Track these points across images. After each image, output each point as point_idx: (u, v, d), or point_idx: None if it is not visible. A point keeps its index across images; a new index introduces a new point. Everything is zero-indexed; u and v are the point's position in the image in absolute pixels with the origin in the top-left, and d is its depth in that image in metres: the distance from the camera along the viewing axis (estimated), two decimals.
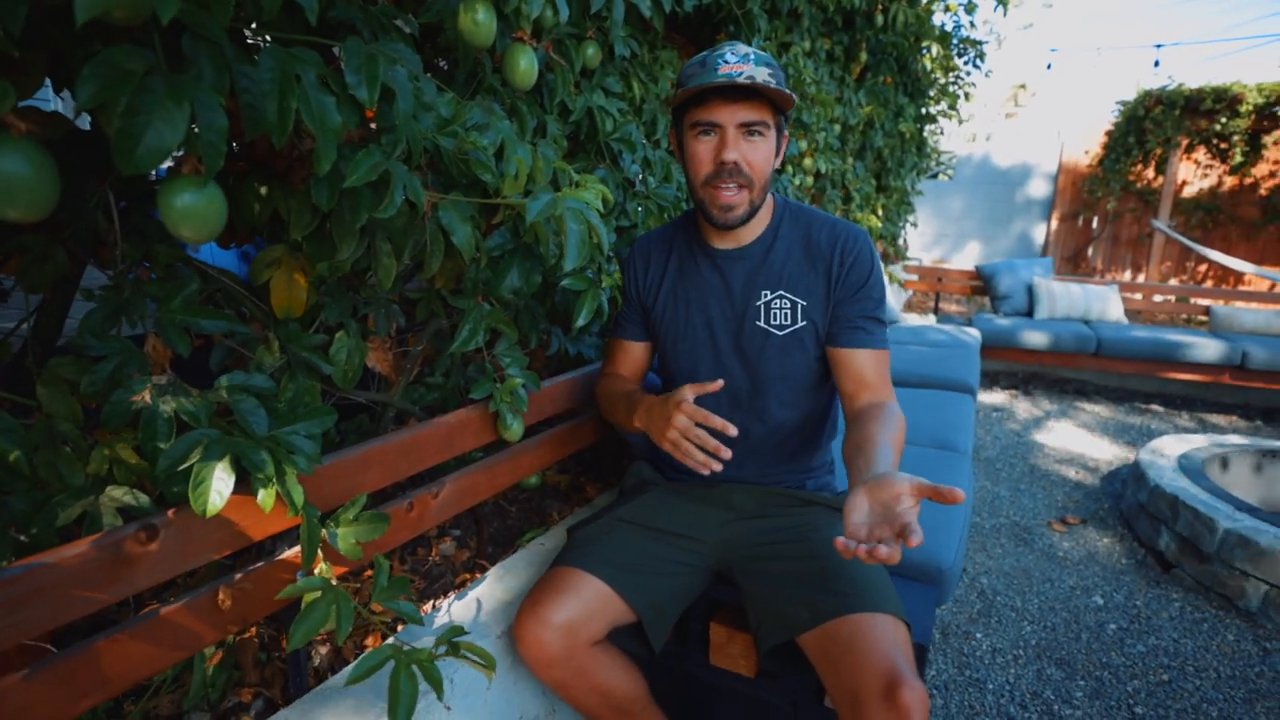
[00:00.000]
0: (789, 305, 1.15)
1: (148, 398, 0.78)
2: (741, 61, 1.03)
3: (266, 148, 0.93)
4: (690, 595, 1.17)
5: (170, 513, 0.77)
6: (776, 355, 1.16)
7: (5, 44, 0.47)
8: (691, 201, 1.90)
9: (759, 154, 1.07)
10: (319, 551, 0.85)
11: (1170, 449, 2.78)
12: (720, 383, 1.00)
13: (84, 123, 0.94)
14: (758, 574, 1.12)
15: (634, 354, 1.33)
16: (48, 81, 0.71)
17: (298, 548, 0.91)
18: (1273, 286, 7.23)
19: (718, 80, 1.01)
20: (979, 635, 1.94)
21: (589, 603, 1.05)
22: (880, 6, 3.35)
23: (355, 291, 1.12)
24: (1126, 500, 2.72)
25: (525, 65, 1.00)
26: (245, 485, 0.79)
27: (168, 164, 0.64)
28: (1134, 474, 2.69)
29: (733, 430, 0.95)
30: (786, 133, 1.15)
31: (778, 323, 1.15)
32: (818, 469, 1.27)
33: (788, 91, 1.03)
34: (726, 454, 0.96)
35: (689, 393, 0.99)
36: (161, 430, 0.78)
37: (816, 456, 1.27)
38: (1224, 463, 2.78)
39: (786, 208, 1.21)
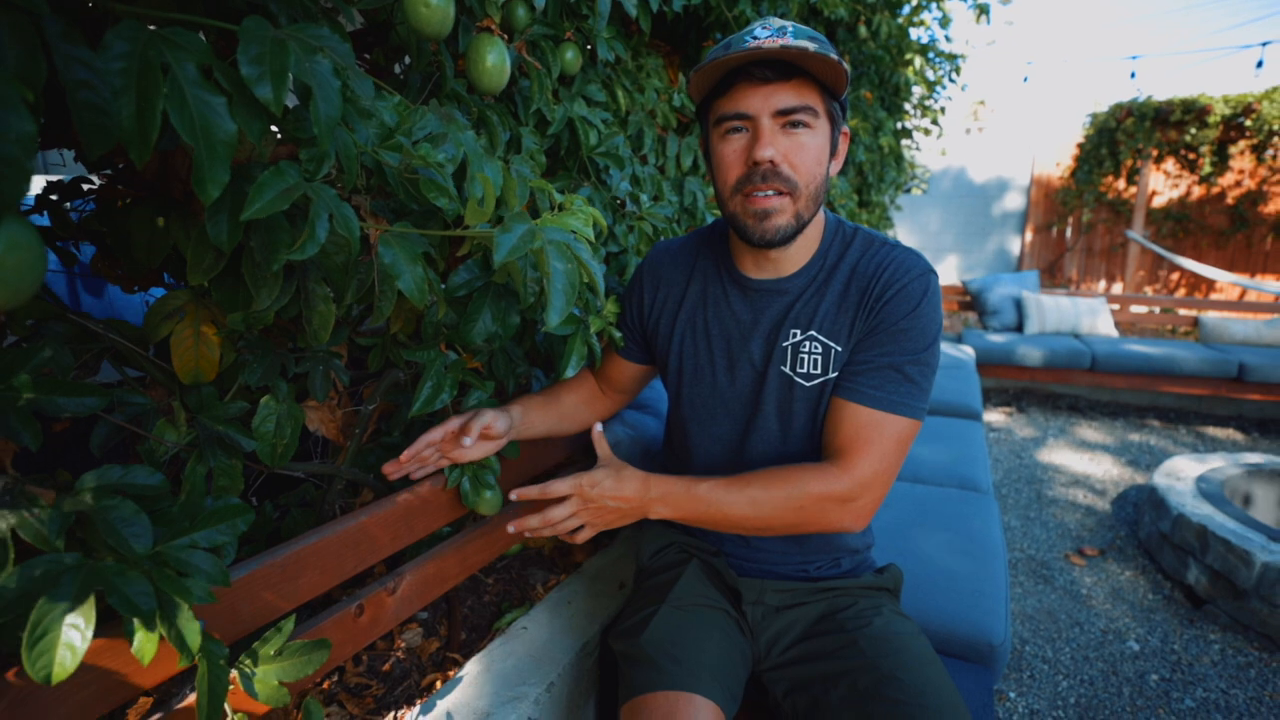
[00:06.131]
0: (820, 350, 0.91)
1: None
2: (777, 35, 0.80)
3: (158, 167, 0.73)
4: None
5: (8, 675, 0.55)
6: (804, 410, 0.94)
7: None
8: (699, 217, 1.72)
9: (805, 152, 0.83)
10: (226, 706, 0.63)
11: (1186, 471, 2.65)
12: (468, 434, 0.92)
13: None
14: (796, 683, 0.91)
15: (621, 372, 1.14)
16: None
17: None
18: (1243, 294, 7.30)
19: (741, 50, 0.78)
20: (1012, 694, 1.75)
21: None
22: (863, 18, 3.25)
23: (292, 343, 0.91)
24: (1146, 528, 2.57)
25: (494, 61, 0.80)
26: (118, 624, 0.58)
27: None
28: (1151, 500, 2.55)
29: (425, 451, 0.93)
30: (846, 128, 0.91)
31: (804, 370, 0.92)
32: (855, 543, 1.05)
33: (838, 59, 0.78)
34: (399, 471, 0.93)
35: (483, 420, 0.94)
36: None
37: None
38: (1244, 484, 2.65)
39: (840, 230, 0.97)
